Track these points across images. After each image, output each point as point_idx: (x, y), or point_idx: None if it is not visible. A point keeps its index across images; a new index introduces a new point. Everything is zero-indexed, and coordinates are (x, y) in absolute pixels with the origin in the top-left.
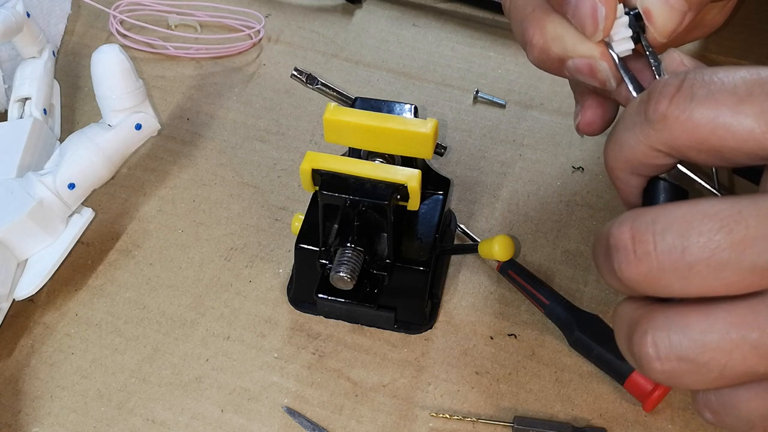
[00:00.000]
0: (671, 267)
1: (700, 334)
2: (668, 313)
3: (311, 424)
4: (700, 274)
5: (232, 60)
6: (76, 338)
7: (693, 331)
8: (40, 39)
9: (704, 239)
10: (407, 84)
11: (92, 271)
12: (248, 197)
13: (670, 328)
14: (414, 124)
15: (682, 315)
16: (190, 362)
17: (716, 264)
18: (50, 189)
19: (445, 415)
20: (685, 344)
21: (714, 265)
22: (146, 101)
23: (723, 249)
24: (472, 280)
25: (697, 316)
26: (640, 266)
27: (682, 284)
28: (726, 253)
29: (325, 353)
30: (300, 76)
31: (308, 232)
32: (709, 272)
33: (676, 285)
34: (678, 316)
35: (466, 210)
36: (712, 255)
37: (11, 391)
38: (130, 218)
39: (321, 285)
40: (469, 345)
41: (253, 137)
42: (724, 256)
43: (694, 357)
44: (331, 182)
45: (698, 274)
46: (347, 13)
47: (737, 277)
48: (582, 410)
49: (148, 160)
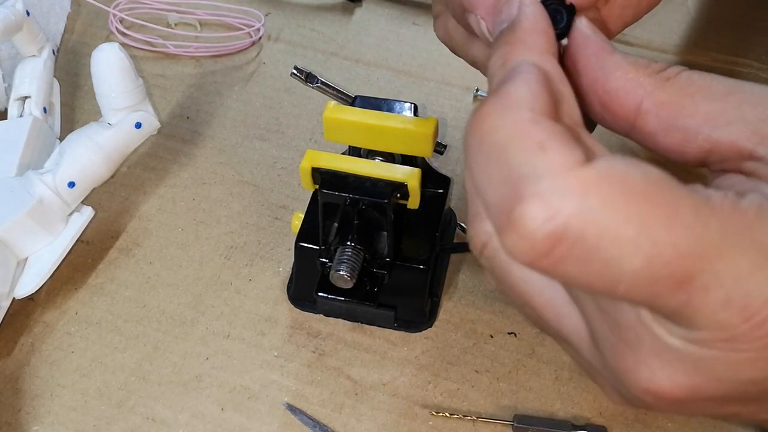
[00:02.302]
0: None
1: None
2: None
3: (312, 421)
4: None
5: (231, 58)
6: (76, 337)
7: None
8: (39, 37)
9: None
10: (407, 82)
11: (92, 269)
12: (248, 196)
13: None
14: (414, 123)
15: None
16: (190, 361)
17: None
18: (50, 187)
19: (445, 414)
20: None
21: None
22: (146, 100)
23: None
24: (471, 278)
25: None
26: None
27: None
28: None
29: (325, 352)
30: (300, 74)
31: (308, 230)
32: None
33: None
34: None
35: (466, 209)
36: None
37: (11, 389)
38: (130, 217)
39: (321, 283)
40: (469, 343)
41: (253, 136)
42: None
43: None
44: (331, 181)
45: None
46: (347, 12)
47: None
48: (582, 408)
49: (148, 159)
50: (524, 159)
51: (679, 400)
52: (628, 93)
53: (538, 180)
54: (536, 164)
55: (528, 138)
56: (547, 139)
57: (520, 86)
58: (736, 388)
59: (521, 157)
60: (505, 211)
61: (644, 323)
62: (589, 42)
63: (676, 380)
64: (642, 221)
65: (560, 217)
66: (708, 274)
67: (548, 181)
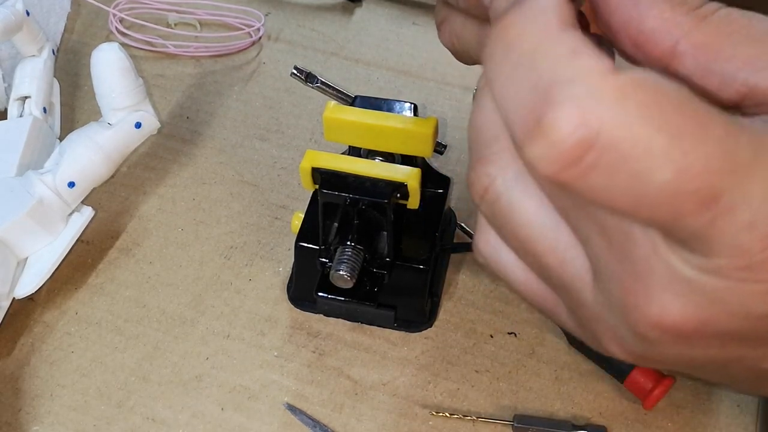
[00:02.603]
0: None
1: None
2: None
3: (312, 421)
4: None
5: (231, 58)
6: (76, 337)
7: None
8: (39, 37)
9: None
10: (407, 82)
11: (92, 269)
12: (248, 196)
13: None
14: (414, 123)
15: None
16: (190, 361)
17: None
18: (50, 187)
19: (445, 414)
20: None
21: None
22: (146, 100)
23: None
24: (471, 278)
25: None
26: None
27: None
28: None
29: (325, 352)
30: (300, 74)
31: (308, 230)
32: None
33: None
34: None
35: (466, 208)
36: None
37: (11, 389)
38: (130, 217)
39: (321, 283)
40: (468, 343)
41: (253, 136)
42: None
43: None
44: (331, 181)
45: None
46: (347, 12)
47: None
48: (582, 408)
49: (148, 159)
50: (556, 64)
51: (686, 334)
52: (664, 33)
53: (573, 84)
54: (569, 69)
55: (559, 43)
56: (579, 46)
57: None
58: (746, 324)
59: (553, 62)
60: (533, 118)
61: (658, 253)
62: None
63: (686, 313)
64: (675, 131)
65: (595, 123)
66: (735, 194)
67: (582, 86)
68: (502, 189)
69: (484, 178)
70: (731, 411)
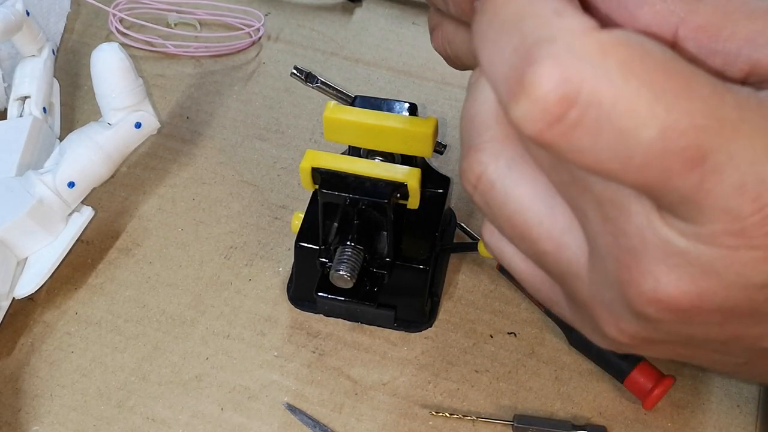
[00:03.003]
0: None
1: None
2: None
3: (312, 421)
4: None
5: (231, 58)
6: (76, 337)
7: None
8: (39, 37)
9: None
10: (407, 82)
11: (92, 269)
12: (248, 196)
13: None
14: (414, 123)
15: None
16: (190, 361)
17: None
18: (50, 187)
19: (445, 414)
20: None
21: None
22: (146, 100)
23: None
24: (471, 278)
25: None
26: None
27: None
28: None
29: (325, 352)
30: (300, 74)
31: (308, 230)
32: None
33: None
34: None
35: (466, 208)
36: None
37: (11, 389)
38: (130, 217)
39: (321, 283)
40: (468, 343)
41: (253, 135)
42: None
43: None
44: (331, 181)
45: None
46: (347, 12)
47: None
48: (582, 408)
49: (148, 159)
50: (538, 24)
51: (684, 309)
52: (661, 25)
53: (554, 42)
54: (551, 28)
55: (542, 5)
56: (563, 7)
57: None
58: (745, 296)
59: (535, 23)
60: (516, 77)
61: (652, 224)
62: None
63: (681, 286)
64: (659, 88)
65: (575, 79)
66: (722, 154)
67: (563, 42)
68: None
69: (476, 166)
70: (731, 411)
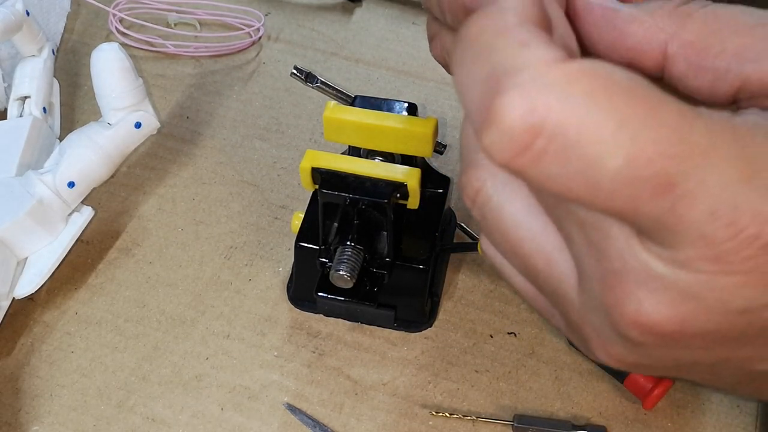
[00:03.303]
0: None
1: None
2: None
3: (312, 421)
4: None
5: (231, 58)
6: (76, 337)
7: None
8: (39, 37)
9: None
10: (407, 82)
11: (92, 269)
12: (248, 195)
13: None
14: (414, 123)
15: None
16: (190, 361)
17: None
18: (50, 187)
19: (445, 414)
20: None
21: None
22: (146, 100)
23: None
24: (471, 278)
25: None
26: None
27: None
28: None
29: (324, 352)
30: (300, 74)
31: (308, 230)
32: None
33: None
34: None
35: (466, 208)
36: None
37: (11, 389)
38: (130, 217)
39: (321, 283)
40: (468, 343)
41: (253, 135)
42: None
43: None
44: (331, 181)
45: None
46: (347, 12)
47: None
48: (582, 408)
49: (148, 159)
50: (506, 55)
51: (666, 333)
52: (650, 42)
53: (518, 72)
54: (517, 58)
55: (511, 37)
56: (531, 39)
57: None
58: (726, 320)
59: (503, 54)
60: (485, 106)
61: (632, 248)
62: (591, 7)
63: (662, 311)
64: (624, 117)
65: (540, 109)
66: (693, 181)
67: (528, 73)
68: (492, 192)
69: (474, 182)
70: (731, 411)
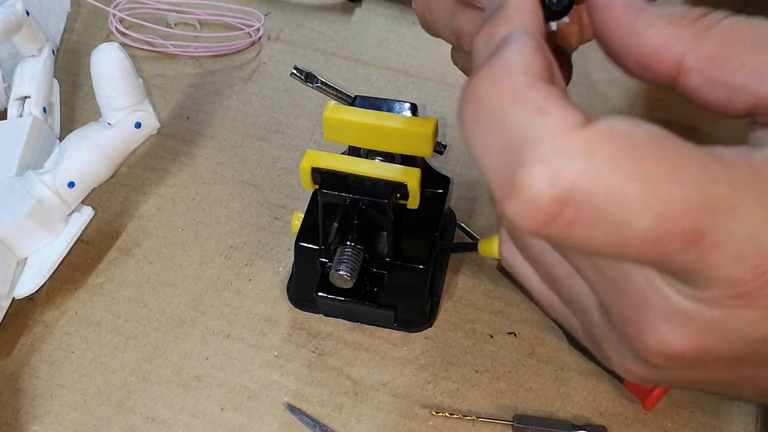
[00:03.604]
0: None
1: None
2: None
3: (312, 421)
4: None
5: (231, 58)
6: (76, 337)
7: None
8: (39, 37)
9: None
10: (407, 82)
11: (92, 269)
12: (248, 196)
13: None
14: (414, 123)
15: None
16: (190, 361)
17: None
18: (50, 187)
19: (445, 414)
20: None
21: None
22: (146, 100)
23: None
24: (471, 278)
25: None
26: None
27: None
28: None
29: (324, 352)
30: (299, 74)
31: (308, 230)
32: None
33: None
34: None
35: (465, 208)
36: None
37: (11, 389)
38: (130, 217)
39: (321, 283)
40: (468, 343)
41: (253, 135)
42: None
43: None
44: (331, 181)
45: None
46: (347, 12)
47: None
48: (582, 408)
49: (148, 159)
50: (523, 123)
51: (689, 361)
52: (668, 50)
53: (540, 143)
54: (536, 127)
55: (525, 102)
56: (546, 102)
57: (513, 51)
58: (748, 348)
59: (520, 122)
60: (507, 178)
61: (653, 286)
62: (614, 4)
63: (686, 342)
64: (649, 178)
65: (566, 180)
66: (719, 230)
67: (550, 144)
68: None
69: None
70: (731, 411)
